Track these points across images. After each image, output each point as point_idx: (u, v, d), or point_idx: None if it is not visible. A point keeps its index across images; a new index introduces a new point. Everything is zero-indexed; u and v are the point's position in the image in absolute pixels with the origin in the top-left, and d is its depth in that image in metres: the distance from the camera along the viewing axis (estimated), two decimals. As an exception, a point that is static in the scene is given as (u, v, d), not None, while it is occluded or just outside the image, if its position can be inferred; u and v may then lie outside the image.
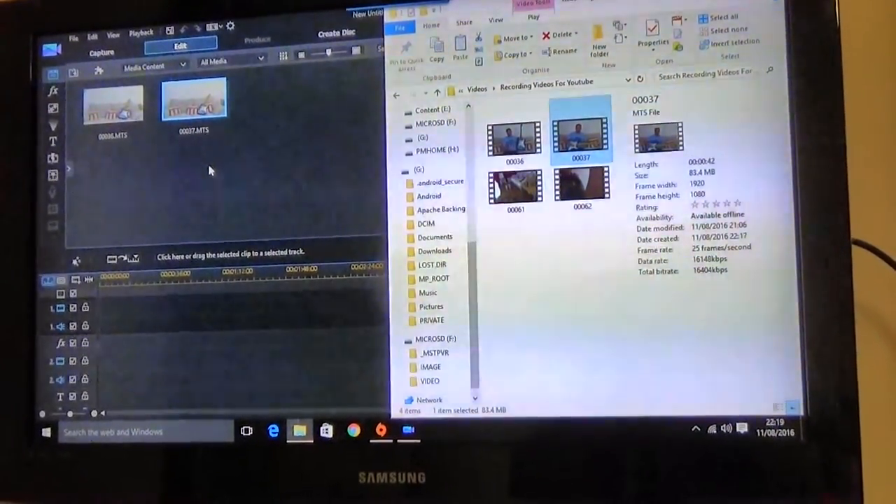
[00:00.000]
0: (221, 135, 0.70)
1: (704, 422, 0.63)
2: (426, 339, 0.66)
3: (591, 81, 0.66)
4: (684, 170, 0.64)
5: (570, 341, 0.64)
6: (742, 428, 0.62)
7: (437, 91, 0.67)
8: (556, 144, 0.65)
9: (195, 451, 0.69)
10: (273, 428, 0.68)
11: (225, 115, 0.70)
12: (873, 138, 0.73)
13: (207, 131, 0.70)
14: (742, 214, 0.63)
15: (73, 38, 0.72)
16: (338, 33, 0.69)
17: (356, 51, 0.69)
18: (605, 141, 0.65)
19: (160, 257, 0.70)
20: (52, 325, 0.71)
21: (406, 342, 0.67)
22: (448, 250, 0.66)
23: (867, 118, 0.72)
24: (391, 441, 0.67)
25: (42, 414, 0.71)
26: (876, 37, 0.74)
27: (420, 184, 0.67)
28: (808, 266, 0.62)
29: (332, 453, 0.67)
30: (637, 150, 0.65)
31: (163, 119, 0.71)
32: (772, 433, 0.62)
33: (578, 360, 0.64)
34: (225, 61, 0.70)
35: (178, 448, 0.69)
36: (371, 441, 0.67)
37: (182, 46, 0.71)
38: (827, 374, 0.61)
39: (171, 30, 0.71)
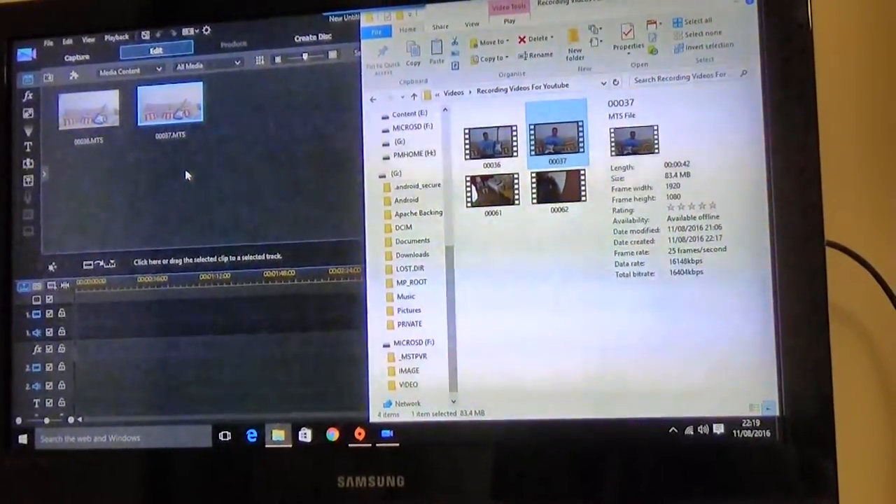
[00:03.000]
0: (198, 139, 0.70)
1: (681, 423, 0.63)
2: (404, 342, 0.66)
3: (566, 85, 0.66)
4: (660, 172, 0.64)
5: (548, 343, 0.64)
6: (718, 429, 0.63)
7: (414, 95, 0.67)
8: (532, 148, 0.66)
9: (173, 457, 0.69)
10: (251, 433, 0.68)
11: (201, 119, 0.70)
12: (846, 140, 0.74)
13: (184, 136, 0.70)
14: (717, 216, 0.64)
15: (48, 43, 0.72)
16: (314, 37, 0.69)
17: (332, 55, 0.69)
18: (581, 144, 0.65)
19: (137, 262, 0.70)
20: (28, 331, 0.71)
21: (384, 346, 0.67)
22: (426, 254, 0.67)
23: (840, 120, 0.73)
24: (370, 445, 0.67)
25: (18, 420, 0.71)
26: (848, 39, 0.75)
27: (397, 187, 0.67)
28: (783, 267, 0.62)
29: (310, 458, 0.67)
30: (613, 154, 0.65)
31: (139, 124, 0.71)
32: (748, 434, 0.63)
33: (556, 362, 0.64)
34: (201, 66, 0.70)
35: (155, 454, 0.69)
36: (350, 445, 0.67)
37: (158, 51, 0.71)
38: (802, 374, 0.62)
39: (146, 34, 0.71)
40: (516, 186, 0.66)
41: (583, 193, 0.65)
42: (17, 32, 0.73)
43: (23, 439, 0.70)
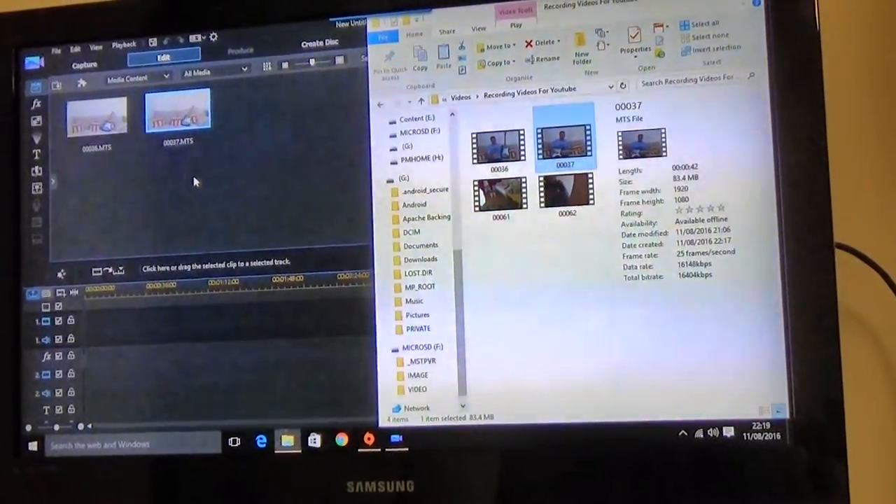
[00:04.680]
0: (206, 146, 0.70)
1: (691, 426, 0.63)
2: (413, 347, 0.66)
3: (574, 89, 0.66)
4: (668, 176, 0.64)
5: (557, 347, 0.64)
6: (728, 432, 0.63)
7: (421, 100, 0.68)
8: (540, 152, 0.66)
9: (183, 463, 0.69)
10: (261, 438, 0.68)
11: (209, 126, 0.70)
12: (855, 142, 0.73)
13: (192, 142, 0.70)
14: (726, 219, 0.63)
15: (56, 51, 0.72)
16: (321, 43, 0.69)
17: (339, 60, 0.69)
18: (588, 148, 0.65)
19: (145, 269, 0.70)
20: (37, 339, 0.71)
21: (393, 351, 0.67)
22: (434, 258, 0.67)
23: (849, 122, 0.73)
24: (379, 450, 0.66)
25: (28, 428, 0.71)
26: (856, 40, 0.75)
27: (405, 192, 0.67)
28: (792, 270, 0.62)
29: (320, 463, 0.67)
30: (621, 157, 0.65)
31: (147, 131, 0.71)
32: (758, 437, 0.62)
33: (565, 366, 0.64)
34: (208, 72, 0.70)
35: (165, 460, 0.69)
36: (359, 450, 0.67)
37: (165, 58, 0.71)
38: (812, 377, 0.62)
39: (154, 41, 0.71)
40: (524, 190, 0.66)
41: (591, 197, 0.65)
42: (24, 41, 0.73)
43: (33, 446, 0.71)
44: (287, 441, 0.68)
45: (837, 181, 0.62)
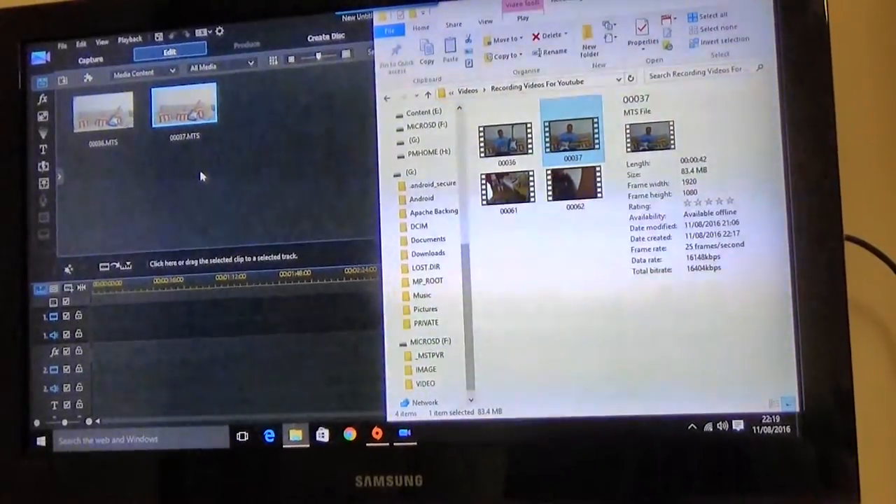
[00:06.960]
0: (212, 140, 0.70)
1: (700, 419, 0.63)
2: (421, 341, 0.66)
3: (581, 81, 0.66)
4: (676, 168, 0.64)
5: (565, 341, 0.64)
6: (738, 425, 0.63)
7: (428, 93, 0.67)
8: (547, 145, 0.65)
9: (191, 458, 0.69)
10: (269, 433, 0.68)
11: (215, 120, 0.70)
12: (864, 134, 0.73)
13: (198, 137, 0.70)
14: (734, 212, 0.63)
15: (62, 46, 0.72)
16: (327, 37, 0.69)
17: (346, 54, 0.69)
18: (596, 141, 0.65)
19: (153, 264, 0.70)
20: (45, 334, 0.71)
21: (401, 345, 0.67)
22: (441, 252, 0.66)
23: (857, 114, 0.72)
24: (387, 444, 0.66)
25: (36, 423, 0.71)
26: (865, 32, 0.74)
27: (412, 186, 0.67)
28: (802, 262, 0.62)
29: (328, 457, 0.67)
30: (629, 150, 0.65)
31: (153, 125, 0.71)
32: (767, 430, 0.62)
33: (573, 359, 0.64)
34: (215, 66, 0.70)
35: (173, 455, 0.69)
36: (367, 444, 0.67)
37: (171, 52, 0.71)
38: (822, 369, 0.61)
39: (160, 36, 0.71)
40: (532, 184, 0.65)
41: (598, 190, 0.65)
42: (30, 36, 0.73)
43: (41, 441, 0.71)
44: (295, 435, 0.67)
45: (847, 173, 0.62)
